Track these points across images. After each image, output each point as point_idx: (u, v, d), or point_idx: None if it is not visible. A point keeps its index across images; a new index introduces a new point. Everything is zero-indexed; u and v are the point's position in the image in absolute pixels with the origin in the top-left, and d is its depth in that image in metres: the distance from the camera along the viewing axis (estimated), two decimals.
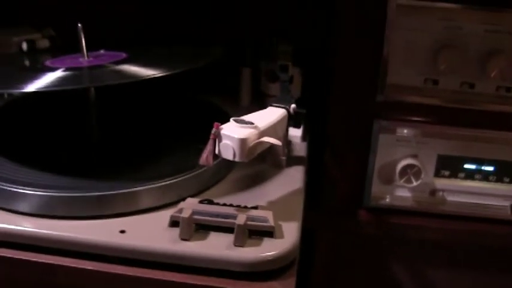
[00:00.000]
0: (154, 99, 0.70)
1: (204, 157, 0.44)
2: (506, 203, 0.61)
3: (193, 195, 0.48)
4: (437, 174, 0.61)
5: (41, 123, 0.62)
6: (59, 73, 0.52)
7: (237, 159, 0.43)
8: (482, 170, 0.60)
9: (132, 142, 0.58)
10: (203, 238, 0.43)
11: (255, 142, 0.44)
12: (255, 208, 0.45)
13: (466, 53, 0.56)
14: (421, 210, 0.62)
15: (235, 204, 0.46)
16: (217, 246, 0.42)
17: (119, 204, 0.46)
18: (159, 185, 0.47)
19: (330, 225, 0.65)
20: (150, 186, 0.47)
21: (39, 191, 0.45)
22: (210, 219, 0.43)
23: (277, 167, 0.55)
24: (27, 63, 0.64)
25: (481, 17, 0.55)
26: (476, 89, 0.58)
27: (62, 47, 0.67)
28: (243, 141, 0.42)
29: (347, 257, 0.67)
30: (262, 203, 0.47)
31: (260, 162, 0.55)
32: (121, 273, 0.42)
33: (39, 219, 0.45)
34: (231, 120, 0.44)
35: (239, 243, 0.42)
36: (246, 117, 0.46)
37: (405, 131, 0.60)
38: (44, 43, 0.69)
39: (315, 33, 0.74)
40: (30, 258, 0.43)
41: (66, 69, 0.53)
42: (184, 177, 0.48)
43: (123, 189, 0.46)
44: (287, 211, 0.47)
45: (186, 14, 0.76)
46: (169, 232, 0.43)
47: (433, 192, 0.61)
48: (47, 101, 0.67)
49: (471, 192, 0.61)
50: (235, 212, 0.44)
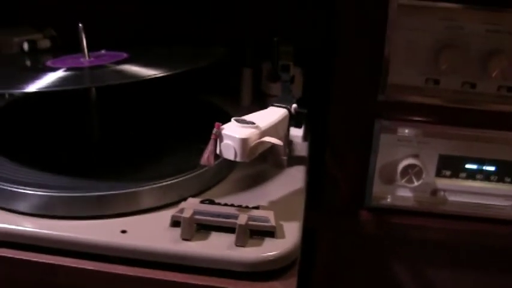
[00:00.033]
0: (155, 99, 0.70)
1: (206, 157, 0.44)
2: (507, 203, 0.61)
3: (195, 195, 0.48)
4: (439, 174, 0.61)
5: (42, 123, 0.62)
6: (60, 73, 0.52)
7: (238, 159, 0.43)
8: (483, 170, 0.60)
9: (133, 142, 0.58)
10: (204, 238, 0.43)
11: (256, 142, 0.43)
12: (256, 208, 0.45)
13: (467, 52, 0.56)
14: (423, 210, 0.62)
15: (237, 204, 0.46)
16: (219, 246, 0.42)
17: (120, 204, 0.46)
18: (160, 185, 0.47)
19: (331, 225, 0.65)
20: (151, 186, 0.47)
21: (39, 191, 0.45)
22: (211, 219, 0.43)
23: (278, 167, 0.55)
24: (28, 63, 0.64)
25: (483, 16, 0.55)
26: (478, 89, 0.58)
27: (63, 47, 0.67)
28: (244, 141, 0.42)
29: (348, 257, 0.67)
30: (264, 203, 0.47)
31: (261, 162, 0.55)
32: (122, 273, 0.42)
33: (40, 219, 0.45)
34: (232, 120, 0.44)
35: (240, 243, 0.42)
36: (247, 117, 0.46)
37: (406, 131, 0.59)
38: (45, 43, 0.69)
39: (315, 33, 0.74)
40: (31, 258, 0.43)
41: (67, 69, 0.53)
42: (186, 177, 0.48)
43: (124, 189, 0.46)
44: (288, 211, 0.47)
45: (186, 14, 0.76)
46: (170, 232, 0.43)
47: (435, 192, 0.61)
48: (48, 101, 0.67)
49: (472, 192, 0.61)
50: (237, 212, 0.44)
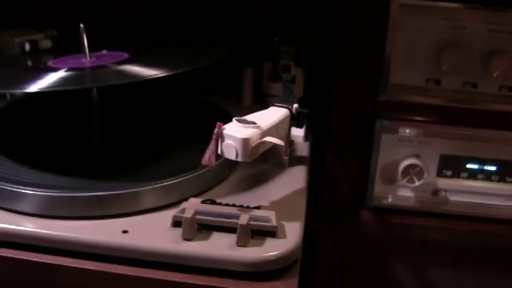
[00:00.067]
0: (156, 99, 0.70)
1: (207, 157, 0.44)
2: (509, 203, 0.61)
3: (196, 195, 0.48)
4: (440, 174, 0.61)
5: (43, 123, 0.62)
6: (61, 73, 0.52)
7: (239, 159, 0.43)
8: (484, 169, 0.60)
9: (134, 142, 0.58)
10: (205, 238, 0.43)
11: (258, 142, 0.43)
12: (258, 208, 0.45)
13: (468, 52, 0.56)
14: (424, 210, 0.62)
15: (238, 204, 0.45)
16: (220, 246, 0.42)
17: (121, 204, 0.46)
18: (162, 185, 0.47)
19: (332, 225, 0.65)
20: (152, 186, 0.47)
21: (40, 191, 0.45)
22: (213, 219, 0.43)
23: (279, 167, 0.55)
24: (30, 63, 0.64)
25: (484, 16, 0.55)
26: (479, 89, 0.58)
27: (64, 47, 0.67)
28: (245, 141, 0.42)
29: (349, 257, 0.67)
30: (265, 203, 0.47)
31: (262, 162, 0.54)
32: (122, 273, 0.42)
33: (41, 219, 0.45)
34: (234, 120, 0.44)
35: (242, 243, 0.42)
36: (249, 117, 0.46)
37: (407, 131, 0.59)
38: (46, 43, 0.69)
39: (315, 33, 0.74)
40: (31, 258, 0.43)
41: (69, 70, 0.53)
42: (187, 177, 0.48)
43: (125, 189, 0.46)
44: (290, 211, 0.46)
45: (186, 14, 0.76)
46: (171, 232, 0.43)
47: (436, 192, 0.61)
48: (49, 101, 0.67)
49: (473, 192, 0.61)
50: (238, 212, 0.44)
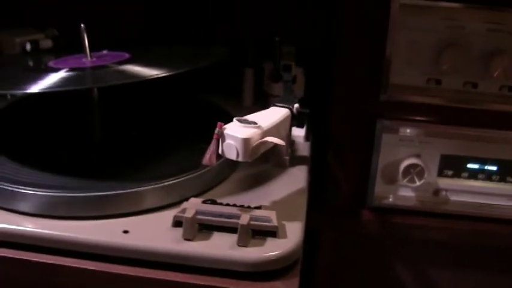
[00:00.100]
0: (157, 99, 0.70)
1: (208, 157, 0.44)
2: (509, 203, 0.61)
3: (197, 195, 0.48)
4: (441, 173, 0.61)
5: (44, 123, 0.62)
6: (62, 74, 0.52)
7: (240, 159, 0.43)
8: (485, 169, 0.60)
9: (135, 142, 0.58)
10: (206, 238, 0.43)
11: (258, 142, 0.43)
12: (258, 208, 0.45)
13: (469, 52, 0.56)
14: (425, 210, 0.62)
15: (239, 204, 0.45)
16: (221, 246, 0.42)
17: (122, 204, 0.46)
18: (162, 185, 0.47)
19: (333, 225, 0.65)
20: (153, 186, 0.47)
21: (41, 191, 0.45)
22: (213, 219, 0.43)
23: (280, 166, 0.55)
24: (31, 63, 0.64)
25: (484, 16, 0.55)
26: (479, 89, 0.58)
27: (65, 47, 0.67)
28: (246, 141, 0.42)
29: (350, 256, 0.67)
30: (266, 203, 0.47)
31: (263, 162, 0.54)
32: (123, 273, 0.42)
33: (41, 219, 0.45)
34: (234, 120, 0.44)
35: (242, 243, 0.42)
36: (249, 117, 0.46)
37: (408, 131, 0.59)
38: (47, 43, 0.69)
39: (316, 33, 0.74)
40: (31, 258, 0.43)
41: (69, 70, 0.53)
42: (188, 177, 0.48)
43: (126, 189, 0.46)
44: (290, 211, 0.46)
45: (186, 14, 0.76)
46: (172, 232, 0.43)
47: (436, 191, 0.61)
48: (50, 101, 0.67)
49: (474, 192, 0.61)
50: (239, 212, 0.44)
